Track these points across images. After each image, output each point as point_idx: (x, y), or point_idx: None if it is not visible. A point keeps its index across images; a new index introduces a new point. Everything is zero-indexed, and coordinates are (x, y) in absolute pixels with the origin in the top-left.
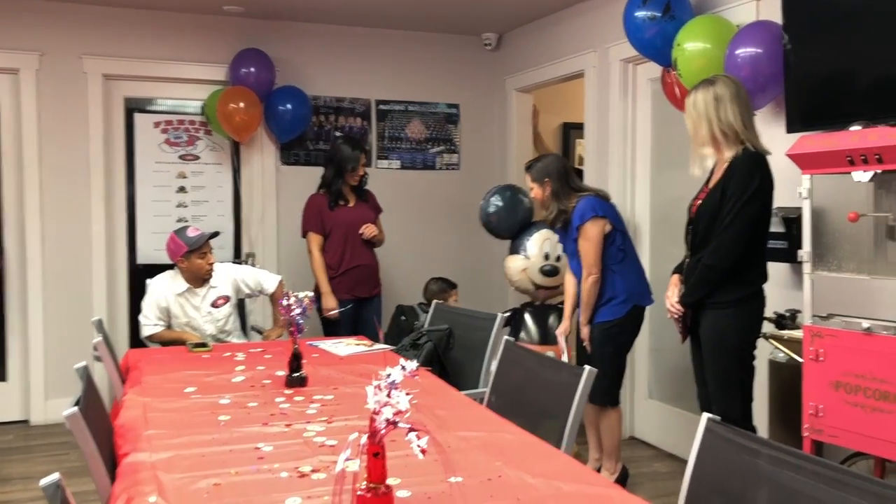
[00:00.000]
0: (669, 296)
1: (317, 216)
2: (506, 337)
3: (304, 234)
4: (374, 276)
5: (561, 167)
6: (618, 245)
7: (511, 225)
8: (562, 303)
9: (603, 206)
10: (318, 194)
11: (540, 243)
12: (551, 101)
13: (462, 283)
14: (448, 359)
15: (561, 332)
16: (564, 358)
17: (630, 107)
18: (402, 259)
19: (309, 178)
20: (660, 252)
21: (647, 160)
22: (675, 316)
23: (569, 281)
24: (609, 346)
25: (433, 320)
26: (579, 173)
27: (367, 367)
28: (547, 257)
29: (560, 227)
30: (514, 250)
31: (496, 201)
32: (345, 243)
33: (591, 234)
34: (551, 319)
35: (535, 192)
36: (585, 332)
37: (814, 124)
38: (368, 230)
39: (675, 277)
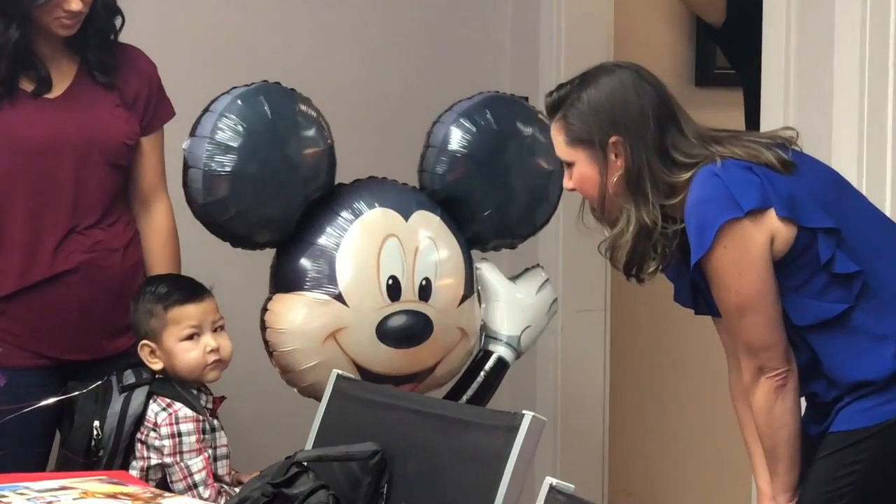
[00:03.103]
0: None
1: None
2: (550, 480)
3: None
4: (124, 302)
5: (652, 101)
6: (824, 261)
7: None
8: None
9: (752, 177)
10: None
11: (372, 247)
12: None
13: None
14: None
15: None
16: None
17: None
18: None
19: None
20: None
21: None
22: None
23: (737, 399)
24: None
25: (330, 424)
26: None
27: None
28: (394, 288)
29: (663, 267)
30: (288, 281)
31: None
32: (28, 207)
33: (737, 271)
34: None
35: (581, 173)
36: None
37: None
38: None
39: None
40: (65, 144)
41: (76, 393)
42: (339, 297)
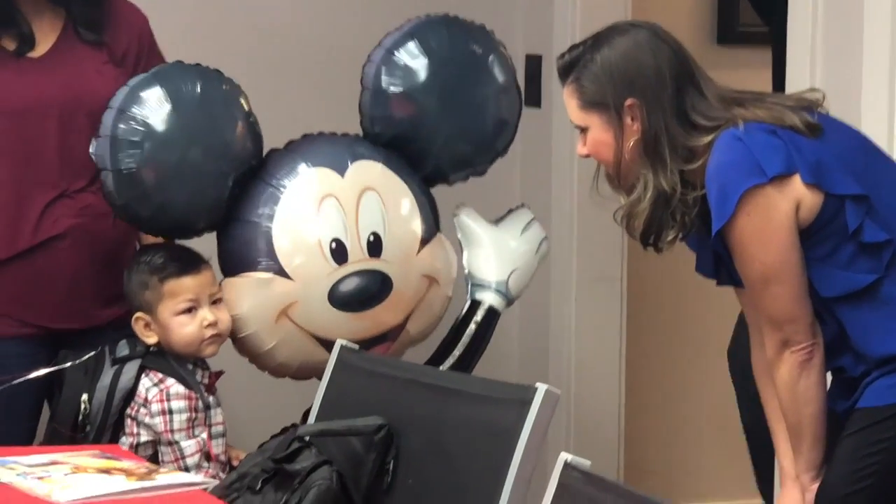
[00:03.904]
0: None
1: None
2: (565, 456)
3: None
4: (115, 269)
5: (669, 62)
6: (852, 230)
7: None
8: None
9: (776, 141)
10: None
11: (308, 212)
12: None
13: None
14: None
15: None
16: None
17: None
18: None
19: None
20: None
21: None
22: None
23: (761, 375)
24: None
25: (334, 397)
26: None
27: None
28: (340, 251)
29: (682, 236)
30: (231, 264)
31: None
32: (12, 171)
33: (761, 239)
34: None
35: (595, 139)
36: (810, 497)
37: None
38: None
39: None
40: (49, 106)
41: (67, 364)
42: (281, 272)
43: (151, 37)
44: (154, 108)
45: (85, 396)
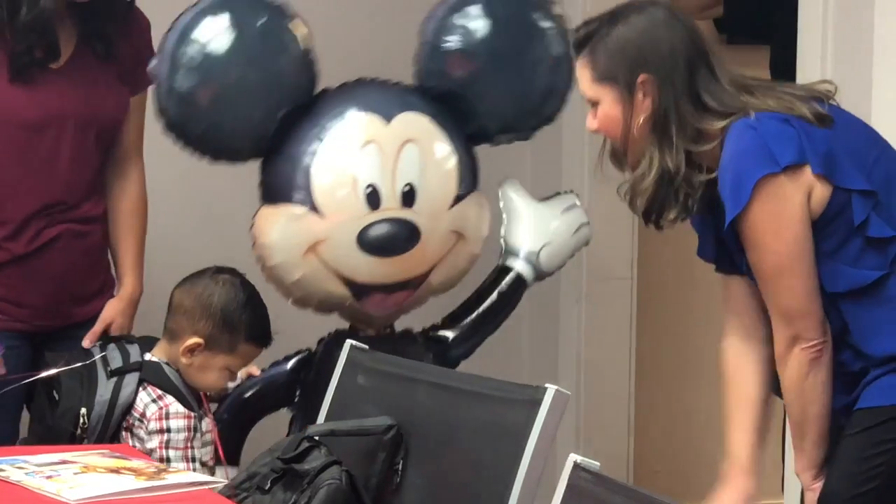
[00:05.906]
0: None
1: None
2: (575, 457)
3: None
4: (96, 270)
5: (683, 41)
6: (857, 223)
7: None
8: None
9: (789, 130)
10: None
11: (348, 155)
12: None
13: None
14: None
15: None
16: None
17: None
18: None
19: None
20: None
21: None
22: None
23: (729, 360)
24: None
25: (343, 397)
26: None
27: None
28: (373, 197)
29: (684, 216)
30: (270, 193)
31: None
32: (11, 182)
33: (774, 230)
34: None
35: (606, 113)
36: (812, 496)
37: None
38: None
39: None
40: (66, 119)
41: (65, 368)
42: (314, 209)
43: (150, 42)
44: (216, 34)
45: (83, 410)
